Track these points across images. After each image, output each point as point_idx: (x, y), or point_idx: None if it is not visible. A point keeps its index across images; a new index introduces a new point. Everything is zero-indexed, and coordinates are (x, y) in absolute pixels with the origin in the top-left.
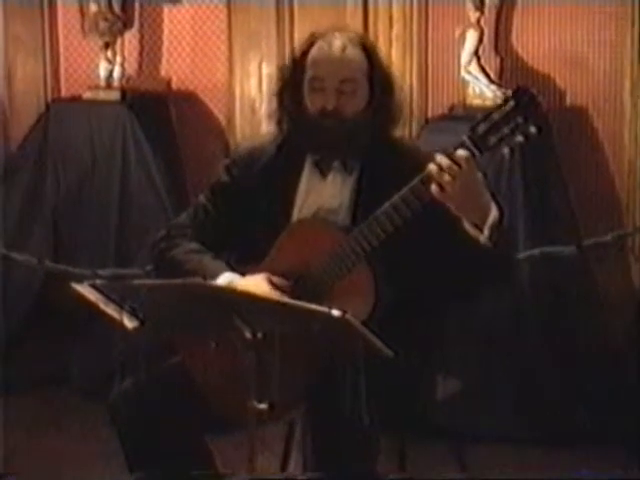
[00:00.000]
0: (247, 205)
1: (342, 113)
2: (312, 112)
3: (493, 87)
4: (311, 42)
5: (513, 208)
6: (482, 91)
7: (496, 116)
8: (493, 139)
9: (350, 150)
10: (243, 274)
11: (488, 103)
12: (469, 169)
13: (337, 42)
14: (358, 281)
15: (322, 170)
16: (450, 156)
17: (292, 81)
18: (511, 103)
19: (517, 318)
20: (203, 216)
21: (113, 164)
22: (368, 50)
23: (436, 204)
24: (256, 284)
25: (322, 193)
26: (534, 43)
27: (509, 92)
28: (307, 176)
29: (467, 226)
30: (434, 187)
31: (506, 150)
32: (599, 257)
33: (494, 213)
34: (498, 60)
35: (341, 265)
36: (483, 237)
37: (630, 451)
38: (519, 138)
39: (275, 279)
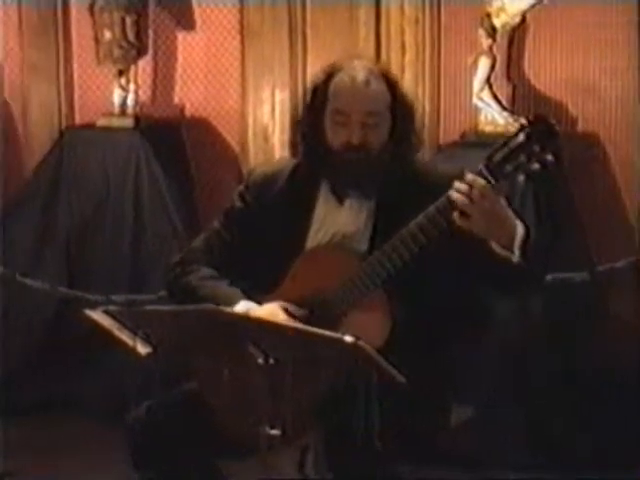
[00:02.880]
0: (261, 231)
1: (368, 146)
2: (335, 146)
3: (505, 114)
4: (329, 72)
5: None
6: (494, 118)
7: (512, 144)
8: (509, 167)
9: (371, 179)
10: (258, 302)
11: (500, 130)
12: (490, 196)
13: (360, 75)
14: (373, 306)
15: (339, 196)
16: (468, 184)
17: (312, 113)
18: (527, 131)
19: (529, 345)
20: (217, 242)
21: (126, 191)
22: (390, 82)
23: (458, 229)
24: (271, 313)
25: (338, 219)
26: (546, 70)
27: (522, 120)
28: (323, 202)
29: (495, 248)
30: (456, 214)
31: (522, 178)
32: (612, 283)
33: (520, 231)
34: (510, 87)
35: (356, 292)
36: (515, 257)
37: None
38: (535, 166)
39: (290, 307)
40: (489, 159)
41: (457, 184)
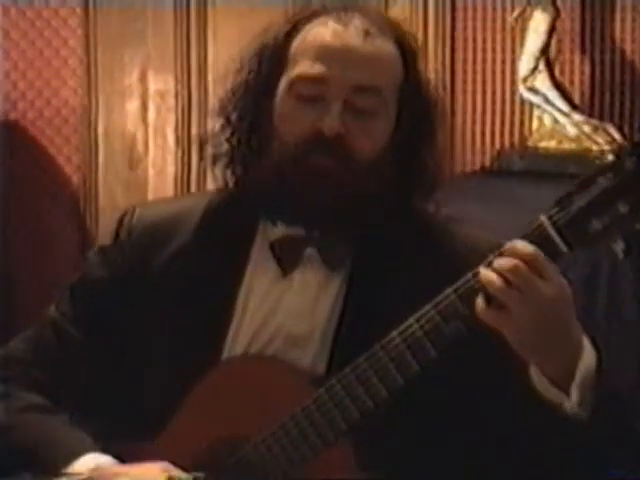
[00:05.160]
0: (140, 323)
1: (349, 148)
2: (290, 142)
3: (577, 116)
4: (303, 18)
5: (617, 331)
6: (557, 123)
7: (604, 182)
8: (597, 225)
9: (346, 226)
10: (126, 455)
11: (569, 147)
12: (549, 276)
13: (356, 22)
14: (330, 463)
15: (283, 262)
16: (513, 254)
17: (254, 85)
18: (632, 160)
19: None
20: (51, 344)
21: None
22: (405, 46)
23: (481, 333)
24: (144, 478)
25: (281, 305)
26: None
27: (611, 131)
28: (255, 270)
29: (537, 379)
30: (481, 303)
31: (620, 246)
32: None
33: (588, 359)
34: (587, 66)
35: (304, 445)
36: (570, 403)
37: None
38: None
39: (177, 472)
40: (559, 206)
41: (496, 258)
